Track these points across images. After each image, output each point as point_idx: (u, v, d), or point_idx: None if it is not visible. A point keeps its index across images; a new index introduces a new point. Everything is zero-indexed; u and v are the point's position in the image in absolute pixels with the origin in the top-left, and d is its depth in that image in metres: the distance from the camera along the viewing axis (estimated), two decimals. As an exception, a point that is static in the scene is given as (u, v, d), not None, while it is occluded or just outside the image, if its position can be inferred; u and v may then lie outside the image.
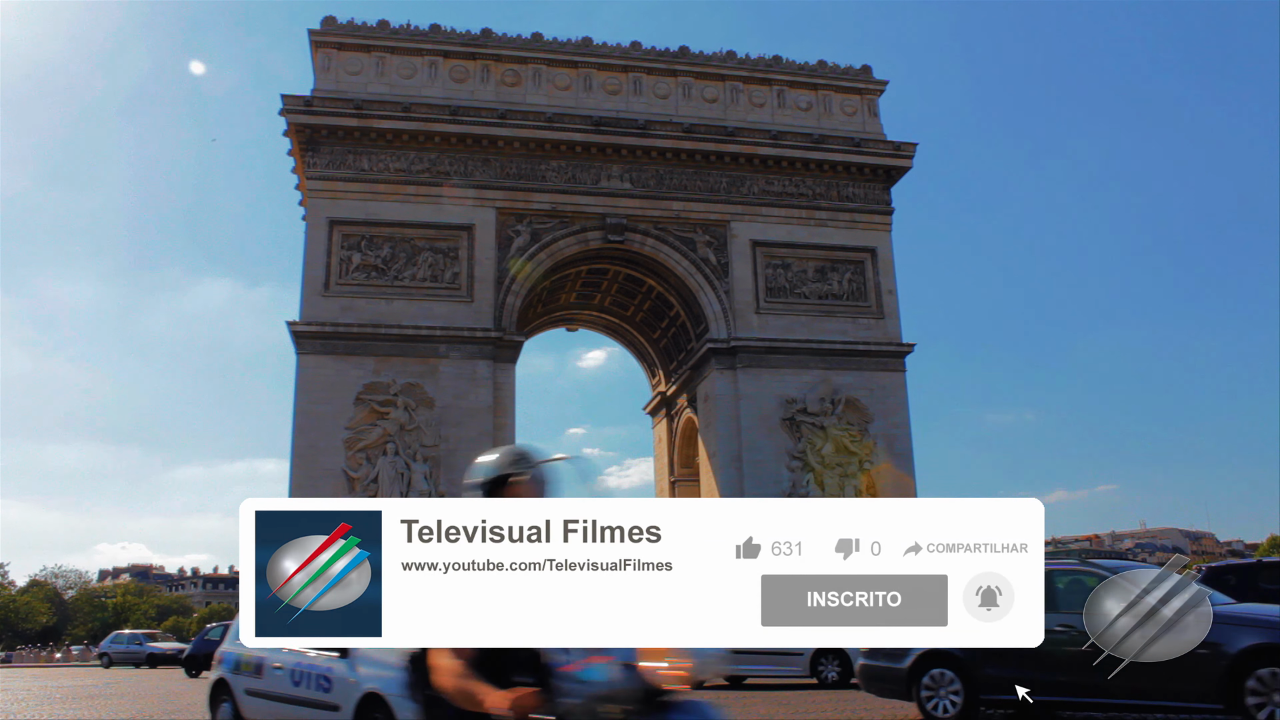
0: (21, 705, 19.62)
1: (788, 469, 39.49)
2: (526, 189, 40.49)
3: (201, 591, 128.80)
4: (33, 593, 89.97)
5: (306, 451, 36.31)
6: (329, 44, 40.44)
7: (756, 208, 42.28)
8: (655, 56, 43.10)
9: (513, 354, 39.55)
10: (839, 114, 44.43)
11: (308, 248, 38.57)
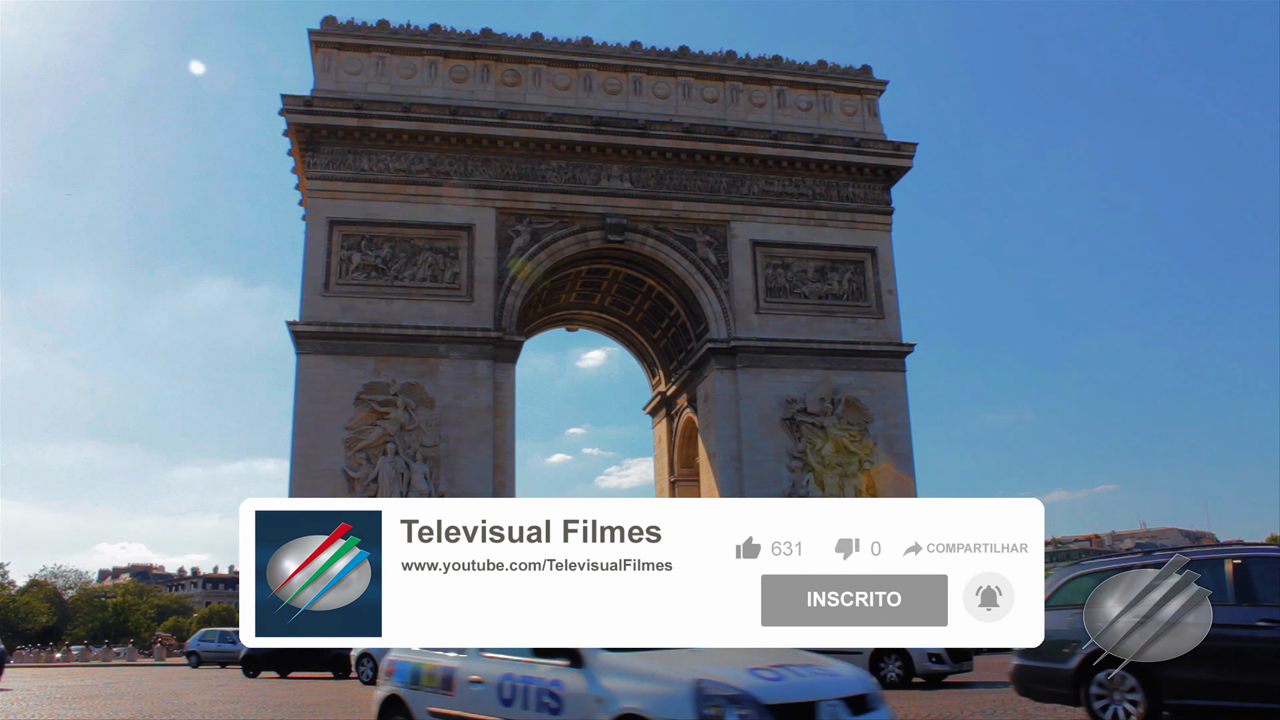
0: (21, 705, 19.63)
1: (788, 469, 39.51)
2: (526, 189, 40.51)
3: (201, 591, 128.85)
4: (33, 593, 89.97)
5: (306, 451, 36.33)
6: (329, 44, 40.46)
7: (756, 208, 42.31)
8: (655, 56, 43.13)
9: (513, 354, 39.57)
10: (839, 114, 44.45)
11: (308, 248, 38.59)
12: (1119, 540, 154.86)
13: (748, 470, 39.31)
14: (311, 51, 41.05)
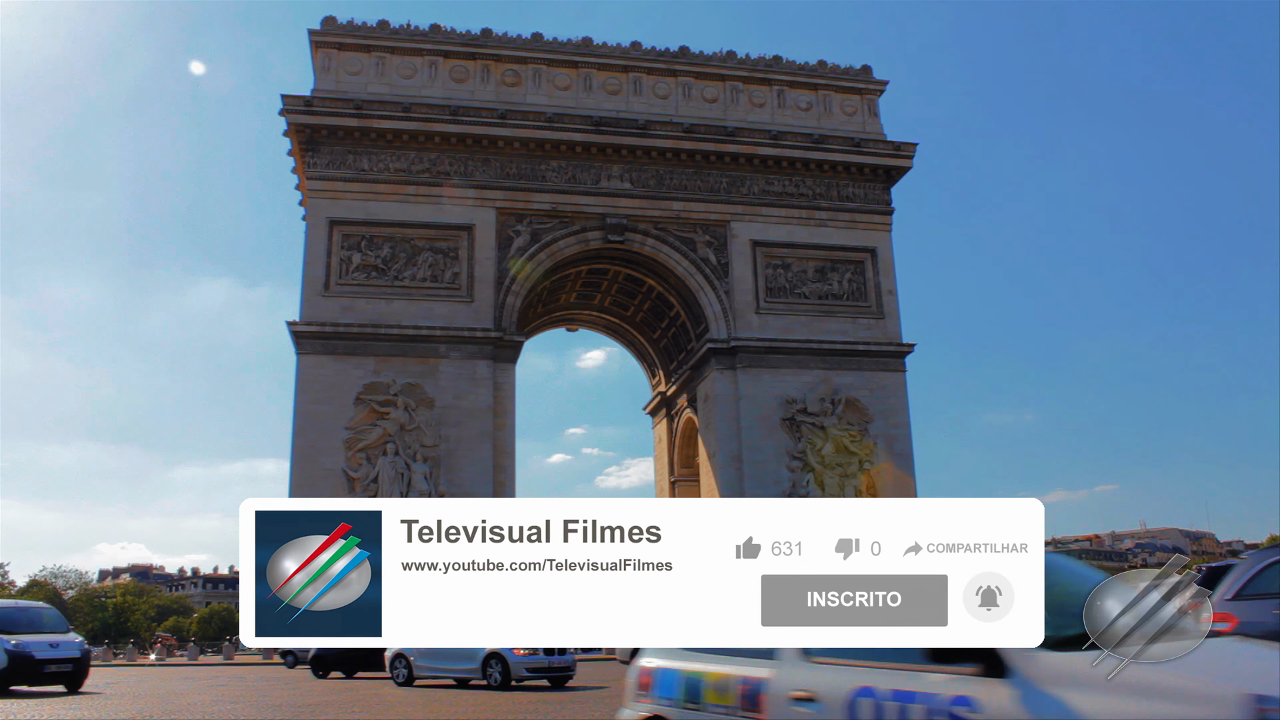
0: (21, 705, 19.62)
1: (788, 469, 39.53)
2: (526, 189, 40.53)
3: (201, 591, 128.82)
4: (33, 593, 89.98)
5: (307, 451, 36.35)
6: (329, 44, 40.47)
7: (756, 208, 42.32)
8: (655, 56, 43.14)
9: (513, 354, 39.59)
10: (839, 114, 44.46)
11: (308, 248, 38.61)
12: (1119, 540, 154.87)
13: (748, 470, 39.33)
14: (311, 51, 41.07)
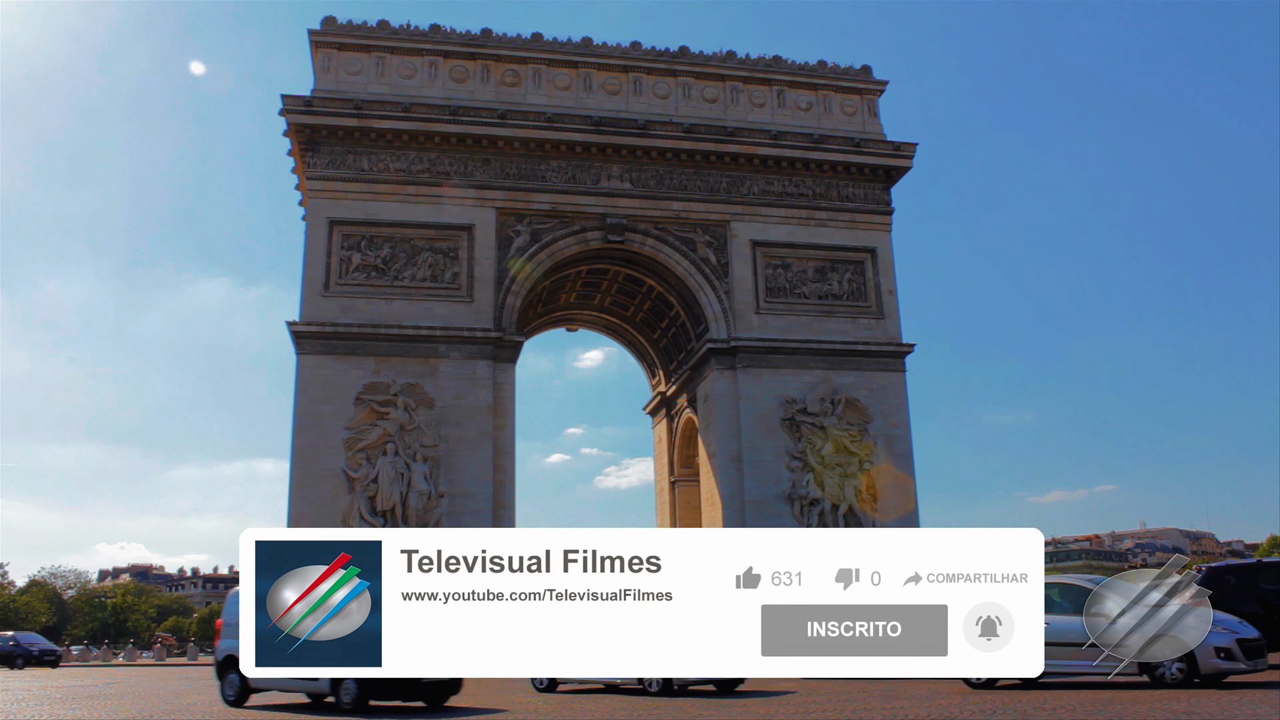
0: (22, 705, 19.64)
1: (788, 469, 39.50)
2: (526, 189, 40.49)
3: (201, 591, 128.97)
4: (32, 593, 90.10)
5: (306, 451, 36.33)
6: (329, 44, 40.41)
7: (756, 208, 42.28)
8: (655, 56, 43.08)
9: (513, 354, 39.57)
10: (839, 114, 44.41)
11: (307, 248, 38.58)
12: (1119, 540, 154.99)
13: (748, 470, 39.31)
14: (311, 52, 41.00)
